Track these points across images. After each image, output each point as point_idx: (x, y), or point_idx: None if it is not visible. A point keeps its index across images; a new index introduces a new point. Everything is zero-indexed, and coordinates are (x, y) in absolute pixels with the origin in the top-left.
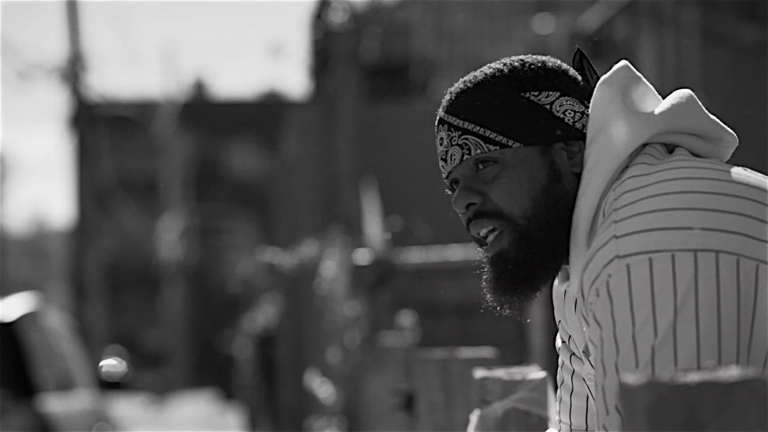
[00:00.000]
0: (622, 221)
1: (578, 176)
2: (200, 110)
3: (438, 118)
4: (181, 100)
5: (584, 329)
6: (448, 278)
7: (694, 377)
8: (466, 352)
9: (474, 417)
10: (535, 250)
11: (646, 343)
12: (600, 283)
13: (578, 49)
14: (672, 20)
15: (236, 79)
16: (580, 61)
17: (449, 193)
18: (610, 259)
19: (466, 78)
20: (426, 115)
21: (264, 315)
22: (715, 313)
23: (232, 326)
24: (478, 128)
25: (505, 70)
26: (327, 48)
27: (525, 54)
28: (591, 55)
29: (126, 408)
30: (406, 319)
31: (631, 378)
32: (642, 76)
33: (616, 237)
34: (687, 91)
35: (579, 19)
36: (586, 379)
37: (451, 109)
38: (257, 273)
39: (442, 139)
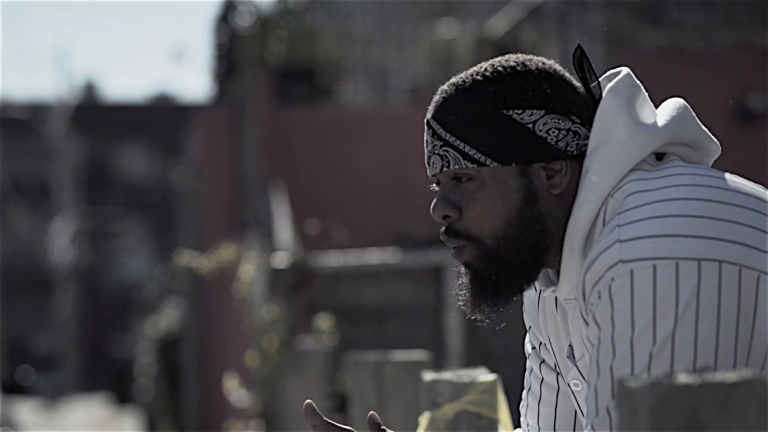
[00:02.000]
0: (626, 225)
1: (557, 197)
2: (93, 113)
3: (426, 117)
4: (73, 102)
5: (582, 330)
6: (366, 281)
7: (695, 378)
8: (400, 355)
9: (423, 419)
10: (501, 270)
11: (644, 349)
12: (602, 285)
13: (579, 46)
14: (577, 24)
15: (133, 82)
16: (580, 58)
17: (435, 188)
18: (614, 263)
19: (455, 80)
20: (334, 120)
21: (167, 319)
22: (715, 323)
23: (125, 330)
24: (458, 142)
25: (493, 80)
26: (232, 51)
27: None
28: None
29: (19, 412)
30: (324, 322)
31: (632, 379)
32: (640, 84)
33: (620, 241)
34: (682, 101)
35: (486, 24)
36: (570, 384)
37: (437, 115)
38: (173, 276)
39: (427, 141)
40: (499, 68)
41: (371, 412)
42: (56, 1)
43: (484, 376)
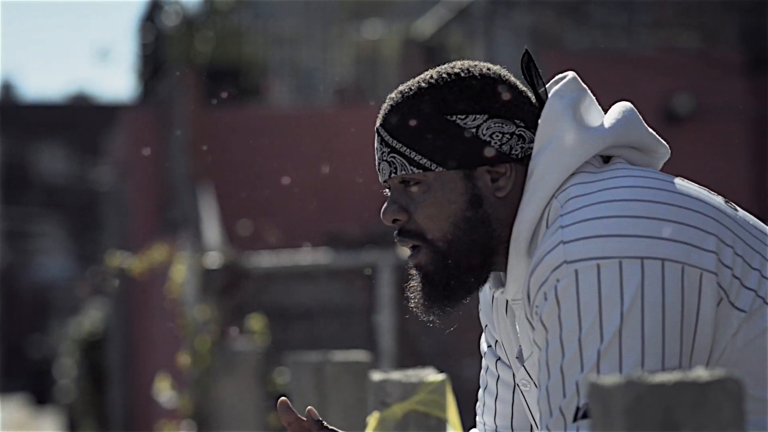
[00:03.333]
0: (569, 227)
1: (502, 199)
2: (10, 112)
3: (376, 125)
4: None
5: (529, 332)
6: (298, 282)
7: (669, 377)
8: (340, 355)
9: (372, 419)
10: (452, 271)
11: (592, 347)
12: (548, 287)
13: (526, 50)
14: (504, 24)
15: (53, 81)
16: (528, 63)
17: (387, 194)
18: (559, 264)
19: (402, 88)
20: (261, 120)
21: (90, 320)
22: (660, 319)
23: (43, 331)
24: (404, 149)
25: (437, 87)
26: (158, 51)
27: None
28: (424, 61)
29: None
30: (256, 323)
31: (607, 378)
32: (587, 87)
33: (563, 242)
34: (628, 105)
35: (413, 24)
36: (519, 384)
37: (384, 123)
38: (104, 277)
39: (377, 149)
40: (444, 75)
41: (309, 407)
42: None
43: (433, 375)
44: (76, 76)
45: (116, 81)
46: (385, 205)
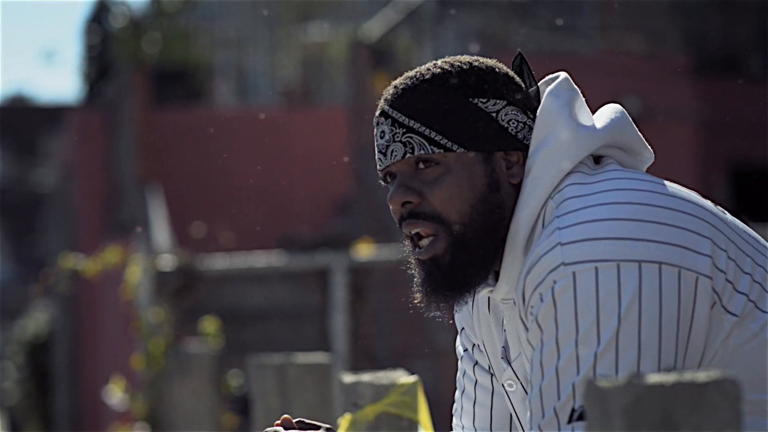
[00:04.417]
0: (566, 228)
1: (515, 186)
2: None
3: (380, 110)
4: None
5: (521, 333)
6: (251, 284)
7: (667, 378)
8: (303, 358)
9: (344, 421)
10: (470, 257)
11: (589, 349)
12: (544, 288)
13: (519, 53)
14: (452, 26)
15: None
16: (519, 65)
17: (383, 184)
18: (556, 266)
19: (412, 74)
20: (209, 122)
21: (35, 322)
22: (657, 323)
23: None
24: (423, 128)
25: (455, 72)
26: (105, 53)
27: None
28: (372, 63)
29: None
30: (210, 325)
31: (605, 379)
32: (577, 88)
33: (561, 244)
34: (619, 107)
35: (361, 26)
36: (505, 385)
37: (397, 104)
38: (56, 279)
39: (383, 132)
40: (457, 63)
41: (285, 415)
42: None
43: (405, 377)
44: (17, 78)
45: (60, 83)
46: (393, 188)
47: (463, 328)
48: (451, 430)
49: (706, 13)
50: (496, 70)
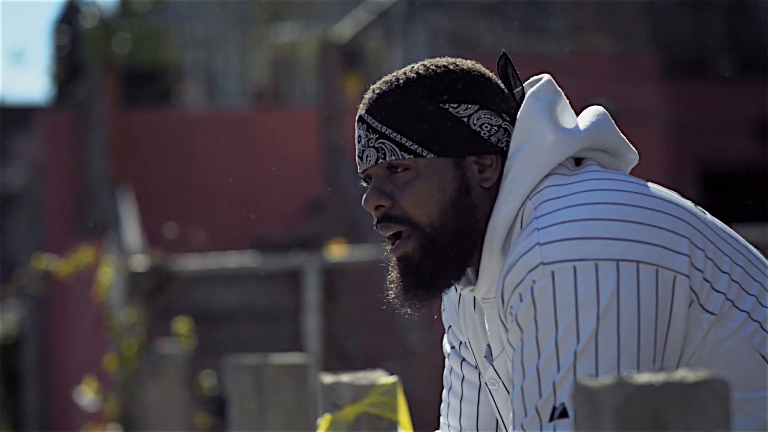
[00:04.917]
0: (545, 229)
1: (487, 190)
2: None
3: (358, 114)
4: None
5: (501, 333)
6: (224, 285)
7: (657, 378)
8: (279, 358)
9: (323, 421)
10: (439, 258)
11: (569, 348)
12: (524, 288)
13: (504, 53)
14: (422, 26)
15: None
16: (504, 66)
17: (365, 185)
18: (535, 266)
19: (388, 78)
20: (180, 122)
21: (4, 323)
22: (636, 321)
23: None
24: (394, 134)
25: (428, 77)
26: (75, 53)
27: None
28: (342, 64)
29: None
30: (182, 325)
31: (595, 379)
32: (561, 90)
33: (540, 244)
34: (601, 109)
35: (331, 27)
36: (488, 384)
37: (371, 110)
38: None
39: (360, 137)
40: (432, 67)
41: None
42: None
43: (385, 378)
44: None
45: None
46: (367, 192)
47: (450, 326)
48: (437, 429)
49: (675, 14)
50: (472, 73)
